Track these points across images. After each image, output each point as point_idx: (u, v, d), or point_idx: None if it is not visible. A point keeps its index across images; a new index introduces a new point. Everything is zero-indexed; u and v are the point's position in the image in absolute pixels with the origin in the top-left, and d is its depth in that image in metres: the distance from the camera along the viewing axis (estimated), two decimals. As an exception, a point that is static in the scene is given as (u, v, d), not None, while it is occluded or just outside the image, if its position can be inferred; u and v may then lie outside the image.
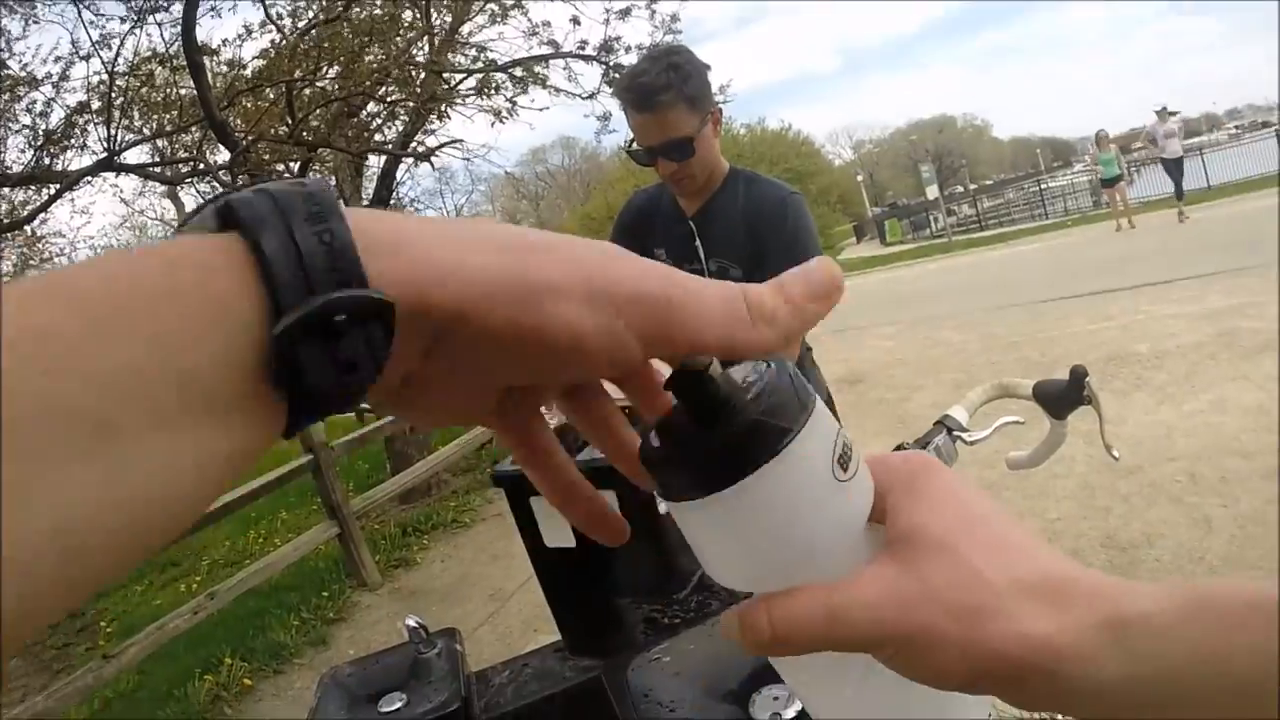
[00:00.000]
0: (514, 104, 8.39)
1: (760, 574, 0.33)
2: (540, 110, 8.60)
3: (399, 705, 1.33)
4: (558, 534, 1.09)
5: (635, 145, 1.85)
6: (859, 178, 46.37)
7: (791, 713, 0.77)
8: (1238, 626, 0.28)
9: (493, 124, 8.53)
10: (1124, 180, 14.16)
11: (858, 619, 0.31)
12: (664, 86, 1.74)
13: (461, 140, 8.93)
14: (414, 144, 8.50)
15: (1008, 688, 0.31)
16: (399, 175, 8.75)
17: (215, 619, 4.74)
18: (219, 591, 4.34)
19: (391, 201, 8.78)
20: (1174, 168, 13.02)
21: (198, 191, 10.34)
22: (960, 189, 43.97)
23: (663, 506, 1.04)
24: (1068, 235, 15.45)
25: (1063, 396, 1.49)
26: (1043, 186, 28.36)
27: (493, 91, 8.20)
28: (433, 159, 8.76)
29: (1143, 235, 11.72)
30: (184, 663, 4.56)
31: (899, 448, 1.39)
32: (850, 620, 0.31)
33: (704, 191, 1.89)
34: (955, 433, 1.39)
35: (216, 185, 9.28)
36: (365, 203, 8.20)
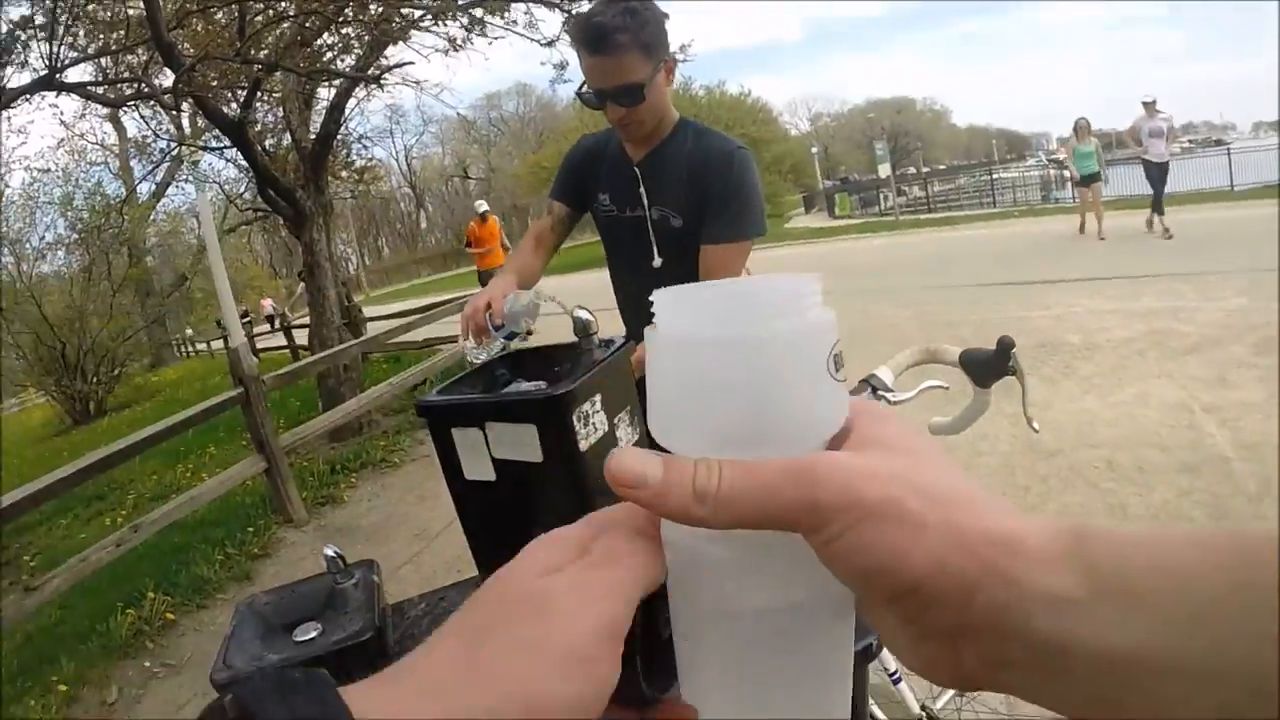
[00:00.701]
0: (470, 32, 8.13)
1: (726, 436, 0.33)
2: (494, 41, 8.36)
3: (313, 634, 1.32)
4: (478, 467, 1.08)
5: (586, 88, 1.82)
6: (813, 150, 46.48)
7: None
8: (1206, 545, 0.25)
9: (447, 52, 8.28)
10: (1102, 180, 11.89)
11: (824, 479, 0.29)
12: (619, 29, 1.71)
13: (413, 63, 8.68)
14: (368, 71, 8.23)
15: (955, 595, 0.28)
16: (349, 109, 8.49)
17: (139, 552, 4.65)
18: (143, 524, 4.25)
19: (339, 135, 8.52)
20: (1157, 172, 10.84)
21: (140, 115, 9.91)
22: (913, 170, 44.36)
23: (583, 443, 1.04)
24: (1014, 225, 15.71)
25: (988, 366, 1.51)
26: (994, 176, 28.75)
27: (449, 19, 7.94)
28: (384, 81, 8.52)
29: (1109, 242, 11.07)
30: (107, 597, 4.47)
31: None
32: (815, 479, 0.29)
33: (651, 139, 1.87)
34: (880, 392, 1.41)
35: (160, 109, 8.89)
36: (312, 136, 7.95)
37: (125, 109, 8.72)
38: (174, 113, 9.19)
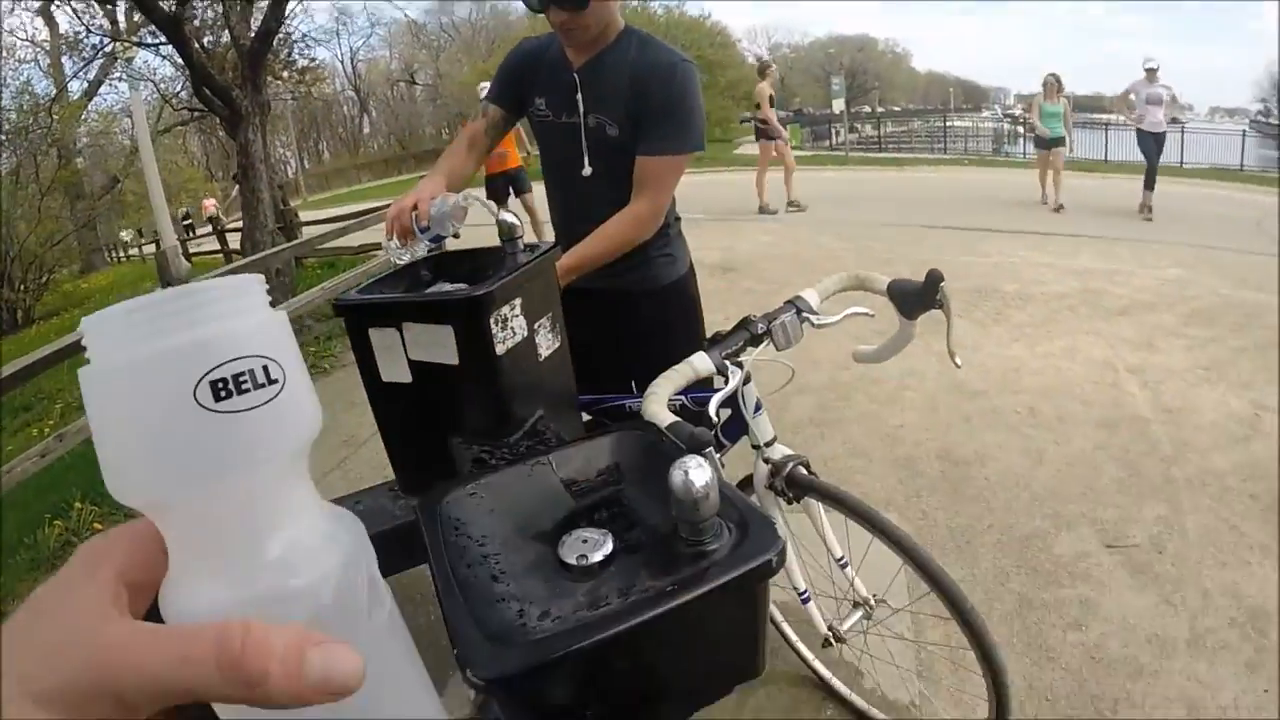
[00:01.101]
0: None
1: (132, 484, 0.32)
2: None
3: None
4: (395, 368, 1.07)
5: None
6: (769, 78, 45.62)
7: (599, 556, 0.79)
8: None
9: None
10: (1066, 145, 10.19)
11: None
12: None
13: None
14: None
15: None
16: (291, 6, 8.06)
17: (65, 463, 4.52)
18: (68, 434, 4.13)
19: (281, 34, 8.12)
20: (1152, 144, 9.25)
21: (72, 9, 9.31)
22: (868, 109, 44.08)
23: (500, 347, 1.04)
24: (963, 173, 15.80)
25: (916, 297, 1.52)
26: (948, 124, 28.75)
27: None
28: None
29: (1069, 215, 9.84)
30: (33, 509, 4.36)
31: (743, 320, 1.43)
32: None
33: (594, 45, 1.80)
34: (804, 314, 1.42)
35: (93, 3, 8.34)
36: (252, 34, 7.55)
37: (57, 3, 8.18)
38: (109, 6, 8.66)
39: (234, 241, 10.89)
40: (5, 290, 14.25)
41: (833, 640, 1.84)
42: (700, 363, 1.29)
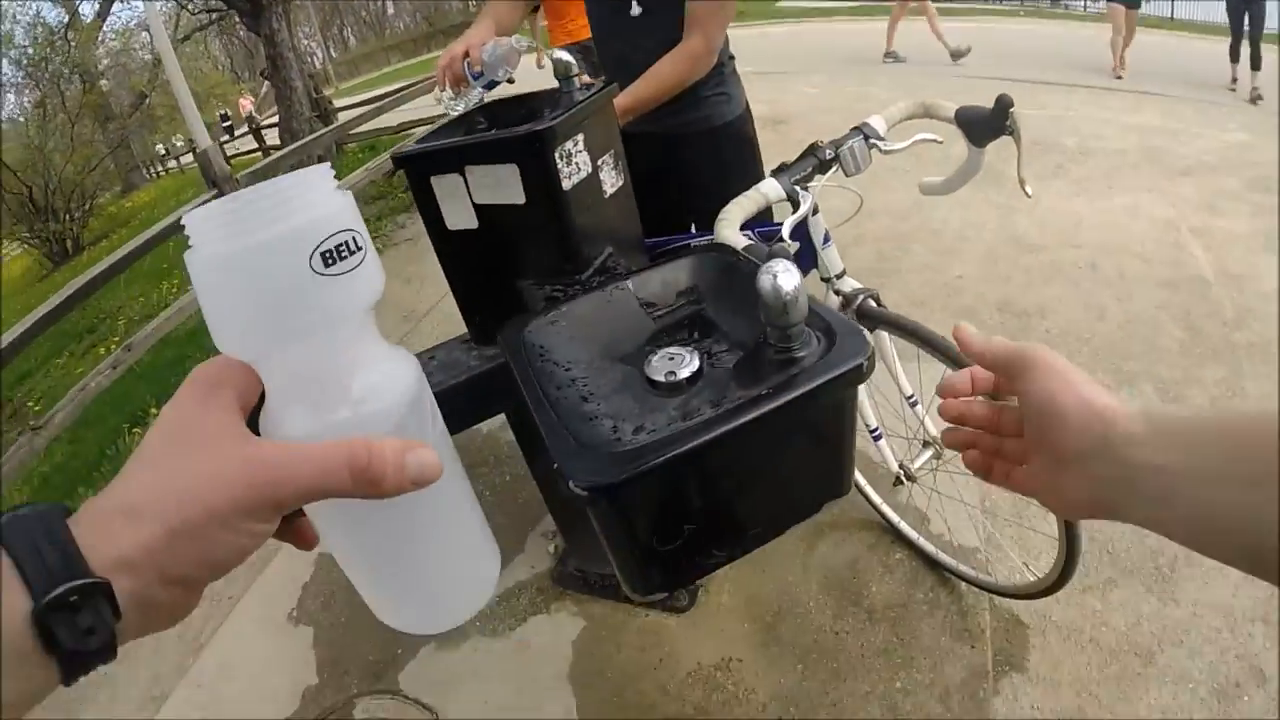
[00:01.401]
0: None
1: (261, 338, 0.40)
2: None
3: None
4: (460, 215, 1.05)
5: None
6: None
7: (687, 371, 0.79)
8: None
9: None
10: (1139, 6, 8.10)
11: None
12: None
13: None
14: None
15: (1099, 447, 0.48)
16: None
17: (136, 373, 4.67)
18: (135, 343, 4.24)
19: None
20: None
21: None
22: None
23: (566, 182, 1.01)
24: (1019, 23, 14.80)
25: (985, 124, 1.45)
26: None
27: None
28: None
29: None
30: (111, 422, 4.54)
31: (811, 146, 1.37)
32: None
33: None
34: (872, 140, 1.36)
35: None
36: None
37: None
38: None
39: (271, 138, 10.80)
40: (51, 223, 14.42)
41: (903, 479, 1.86)
42: (770, 189, 1.25)
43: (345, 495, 0.37)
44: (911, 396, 1.74)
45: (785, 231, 1.20)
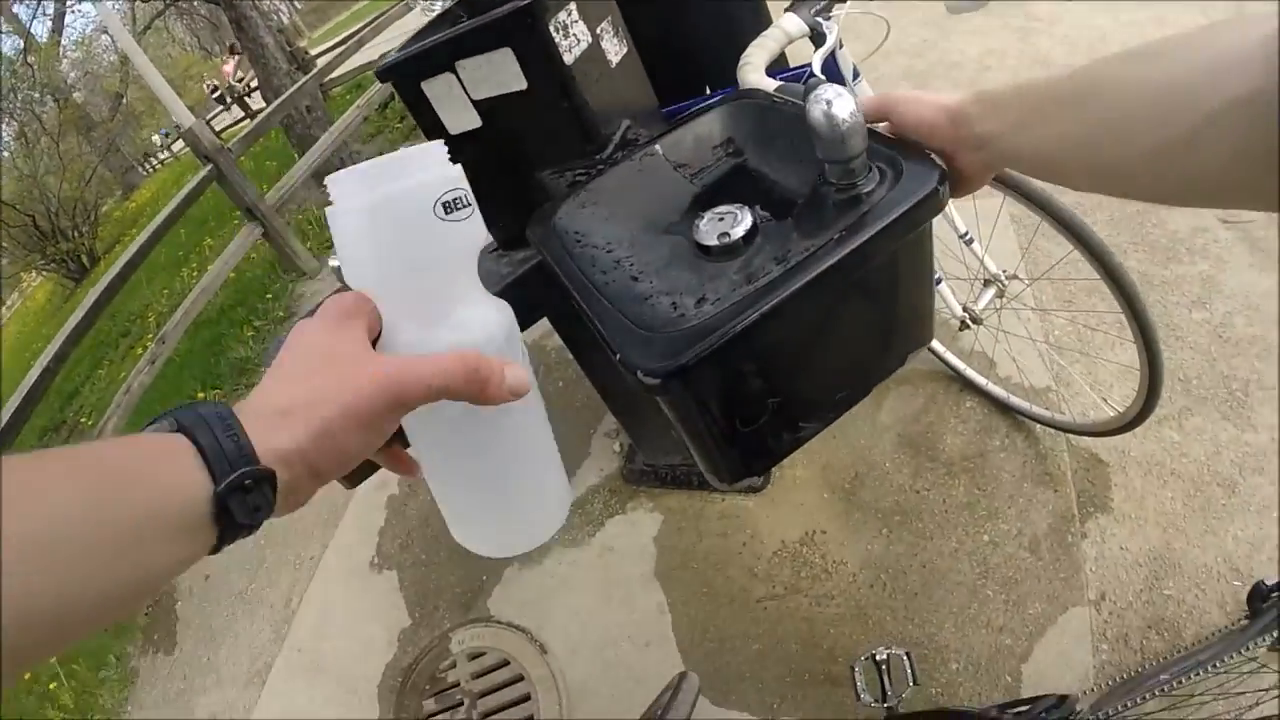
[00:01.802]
0: None
1: (394, 276, 0.47)
2: None
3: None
4: (461, 116, 0.96)
5: None
6: None
7: (741, 230, 0.70)
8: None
9: None
10: None
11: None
12: None
13: None
14: None
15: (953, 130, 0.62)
16: None
17: (176, 363, 4.70)
18: (167, 333, 4.23)
19: None
20: None
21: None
22: None
23: (568, 56, 0.91)
24: None
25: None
26: None
27: None
28: None
29: None
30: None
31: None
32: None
33: None
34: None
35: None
36: None
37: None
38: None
39: (256, 104, 10.56)
40: (62, 243, 14.43)
41: (969, 322, 1.77)
42: (790, 24, 1.13)
43: (457, 397, 0.43)
44: (966, 234, 1.63)
45: (815, 67, 1.09)
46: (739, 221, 0.69)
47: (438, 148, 0.48)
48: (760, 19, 1.80)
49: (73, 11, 15.81)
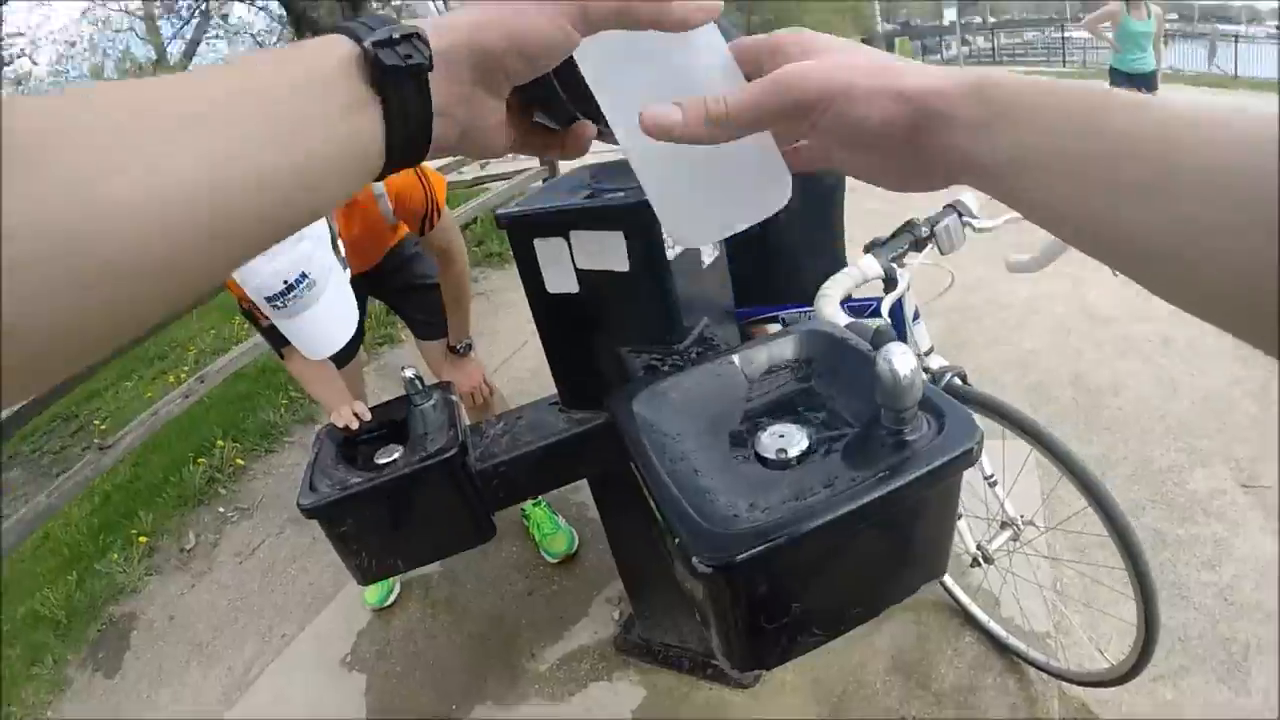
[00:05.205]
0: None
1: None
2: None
3: (395, 456, 1.35)
4: (562, 278, 1.08)
5: None
6: (874, -11, 43.47)
7: (797, 450, 0.79)
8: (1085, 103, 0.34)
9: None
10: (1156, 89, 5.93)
11: (798, 84, 0.40)
12: None
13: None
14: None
15: (911, 134, 0.39)
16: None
17: (206, 404, 4.77)
18: (208, 375, 4.34)
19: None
20: None
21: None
22: (979, 20, 41.55)
23: (670, 253, 1.03)
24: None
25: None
26: (1065, 34, 26.79)
27: None
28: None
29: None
30: (178, 450, 4.62)
31: (907, 224, 1.38)
32: (793, 85, 0.40)
33: None
34: (965, 218, 1.36)
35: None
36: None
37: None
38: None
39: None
40: None
41: (981, 560, 1.81)
42: (868, 266, 1.25)
43: (642, 18, 0.40)
44: (991, 476, 1.71)
45: (884, 309, 1.20)
46: (796, 442, 0.78)
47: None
48: (838, 246, 1.96)
49: (208, 42, 16.58)
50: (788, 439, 0.78)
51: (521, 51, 0.40)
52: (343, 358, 2.08)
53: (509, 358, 4.18)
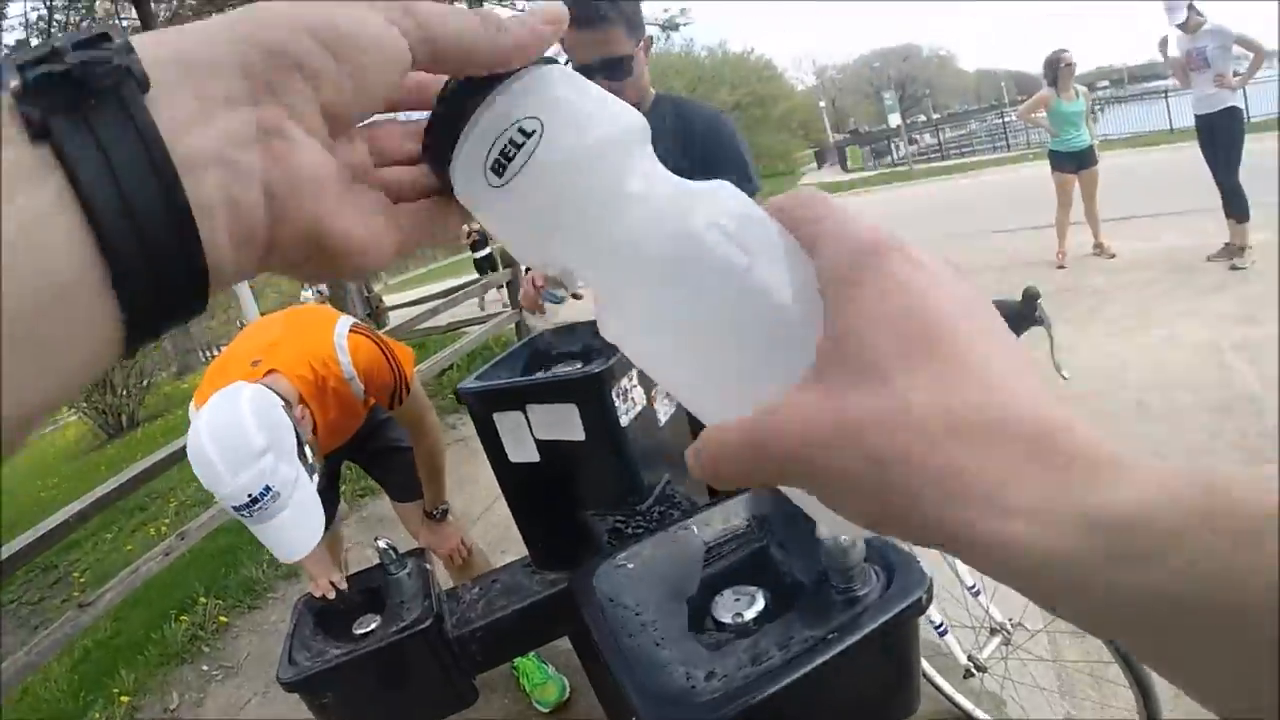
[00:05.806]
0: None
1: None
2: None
3: (373, 626, 1.36)
4: (522, 448, 1.12)
5: (569, 64, 1.83)
6: (821, 104, 45.65)
7: (753, 613, 0.82)
8: (1253, 543, 0.20)
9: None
10: (1096, 160, 6.48)
11: (777, 455, 0.25)
12: (605, 2, 1.72)
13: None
14: None
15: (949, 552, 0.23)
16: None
17: (187, 560, 4.71)
18: (189, 531, 4.31)
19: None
20: (1221, 132, 5.46)
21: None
22: (923, 118, 43.60)
23: (624, 419, 1.07)
24: (1028, 168, 15.40)
25: (1016, 316, 1.53)
26: (1006, 119, 28.10)
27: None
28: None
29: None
30: (159, 606, 4.55)
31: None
32: (771, 456, 0.25)
33: None
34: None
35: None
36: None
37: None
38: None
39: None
40: (109, 397, 14.90)
41: (974, 670, 1.80)
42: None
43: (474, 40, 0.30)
44: (973, 586, 1.72)
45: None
46: (752, 604, 0.81)
47: None
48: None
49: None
50: (743, 603, 0.81)
51: (328, 46, 0.27)
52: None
53: (490, 504, 4.15)
